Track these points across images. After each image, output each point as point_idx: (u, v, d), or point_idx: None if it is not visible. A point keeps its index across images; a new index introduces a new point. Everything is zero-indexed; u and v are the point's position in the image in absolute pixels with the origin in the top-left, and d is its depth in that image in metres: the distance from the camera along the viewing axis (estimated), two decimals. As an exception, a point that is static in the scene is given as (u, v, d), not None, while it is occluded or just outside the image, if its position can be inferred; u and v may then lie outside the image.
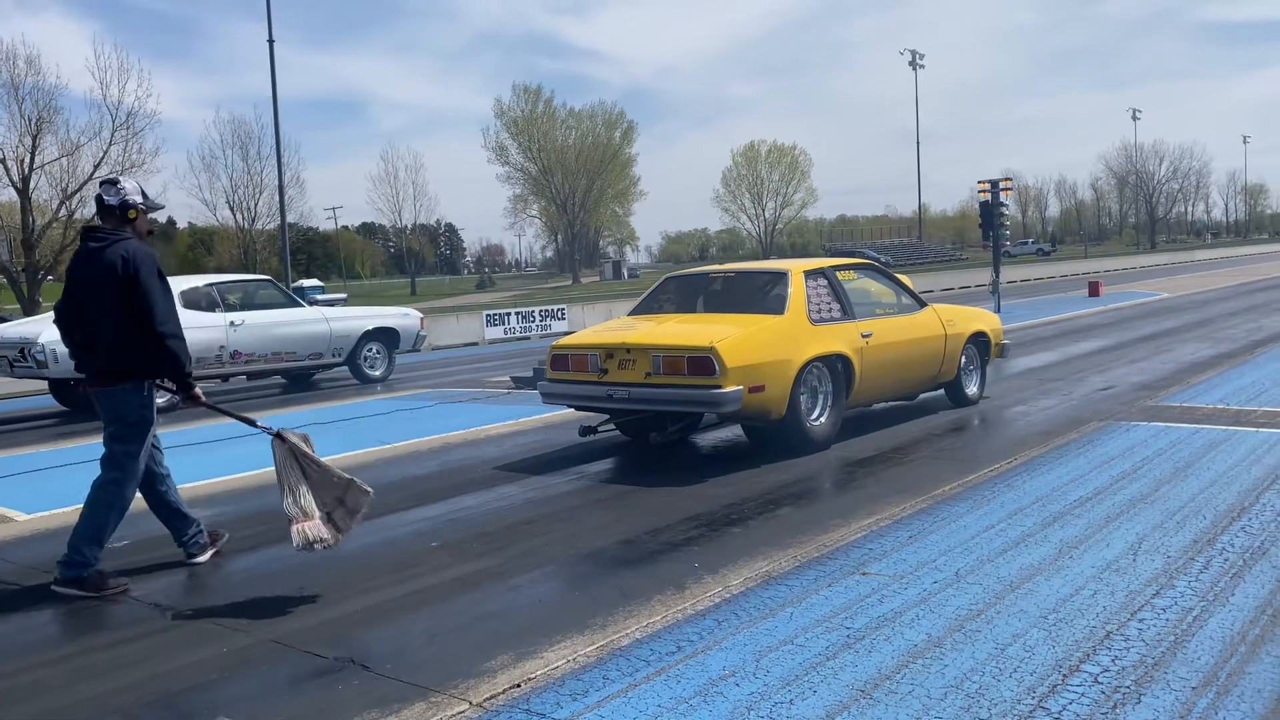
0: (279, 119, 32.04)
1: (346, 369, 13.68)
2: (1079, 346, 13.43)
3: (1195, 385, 9.11)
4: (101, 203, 4.65)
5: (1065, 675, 3.07)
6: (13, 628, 4.19)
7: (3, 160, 31.10)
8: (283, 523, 4.42)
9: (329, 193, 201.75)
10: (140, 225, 4.69)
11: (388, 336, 13.93)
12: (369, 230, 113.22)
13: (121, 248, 4.50)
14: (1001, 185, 19.86)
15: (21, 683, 3.55)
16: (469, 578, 4.46)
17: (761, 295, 7.38)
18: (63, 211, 32.05)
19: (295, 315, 12.91)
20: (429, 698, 3.17)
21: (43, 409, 12.52)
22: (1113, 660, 3.16)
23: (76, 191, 31.68)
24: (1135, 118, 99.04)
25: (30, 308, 30.24)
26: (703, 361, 6.38)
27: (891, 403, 8.52)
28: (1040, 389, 9.47)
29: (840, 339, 7.10)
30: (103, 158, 31.92)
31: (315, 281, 64.22)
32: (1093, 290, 25.59)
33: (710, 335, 6.53)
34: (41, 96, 31.33)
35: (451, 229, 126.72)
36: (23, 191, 31.48)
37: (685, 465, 6.97)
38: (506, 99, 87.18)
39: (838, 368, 7.07)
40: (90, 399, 4.70)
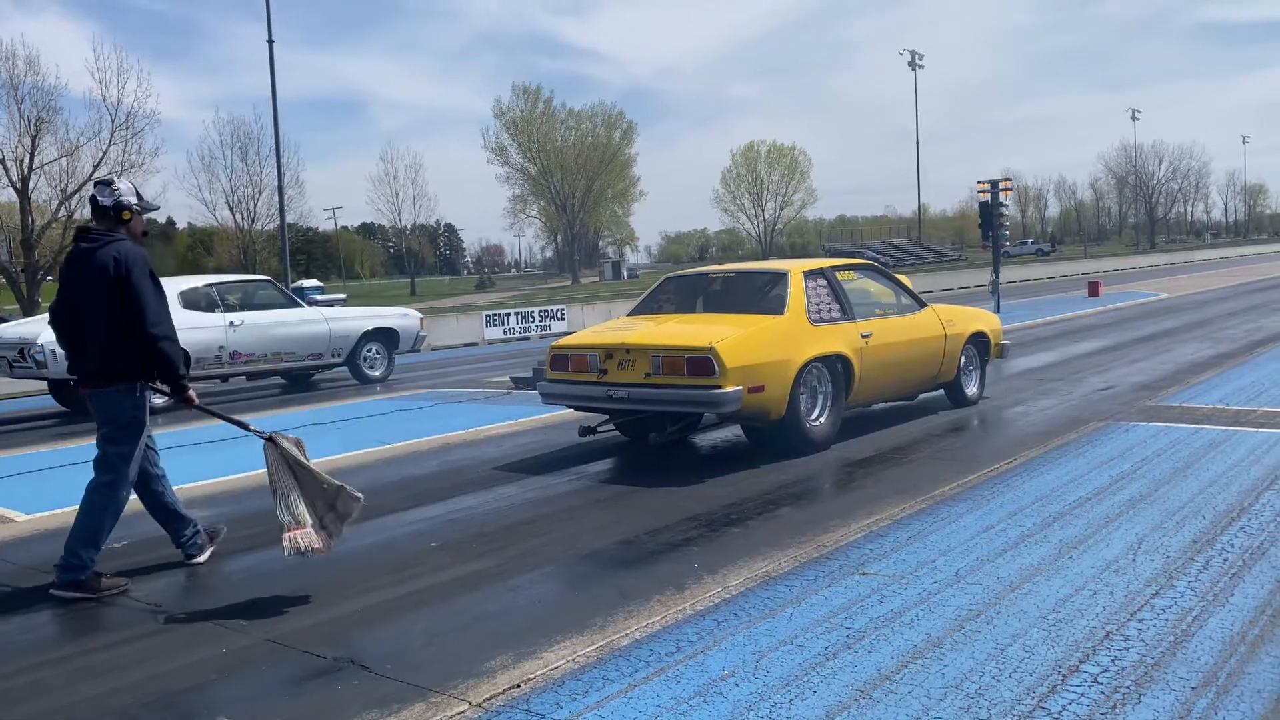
0: (278, 119, 32.05)
1: (346, 369, 13.68)
2: (1078, 347, 13.43)
3: (1195, 385, 9.11)
4: (96, 203, 4.62)
5: (1065, 675, 3.07)
6: (12, 628, 4.19)
7: (2, 160, 31.14)
8: (280, 524, 4.43)
9: (328, 193, 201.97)
10: (135, 226, 4.67)
11: (387, 337, 13.93)
12: (368, 230, 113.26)
13: (114, 249, 4.47)
14: (1001, 185, 19.86)
15: (21, 683, 3.55)
16: (468, 578, 4.46)
17: (761, 295, 7.38)
18: (62, 212, 32.06)
19: (295, 315, 12.91)
20: (428, 698, 3.17)
21: (42, 409, 12.52)
22: (1112, 660, 3.16)
23: (76, 192, 31.67)
24: (1134, 118, 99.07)
25: (29, 308, 30.24)
26: (702, 362, 6.38)
27: (891, 403, 8.52)
28: (1040, 389, 9.47)
29: (840, 339, 7.10)
30: (102, 158, 31.95)
31: (315, 282, 64.22)
32: (1092, 290, 25.59)
33: (710, 335, 6.53)
34: (41, 97, 31.38)
35: (451, 229, 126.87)
36: (22, 192, 31.49)
37: (685, 465, 6.97)
38: (506, 99, 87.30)
39: (837, 368, 7.07)
40: (84, 400, 4.68)
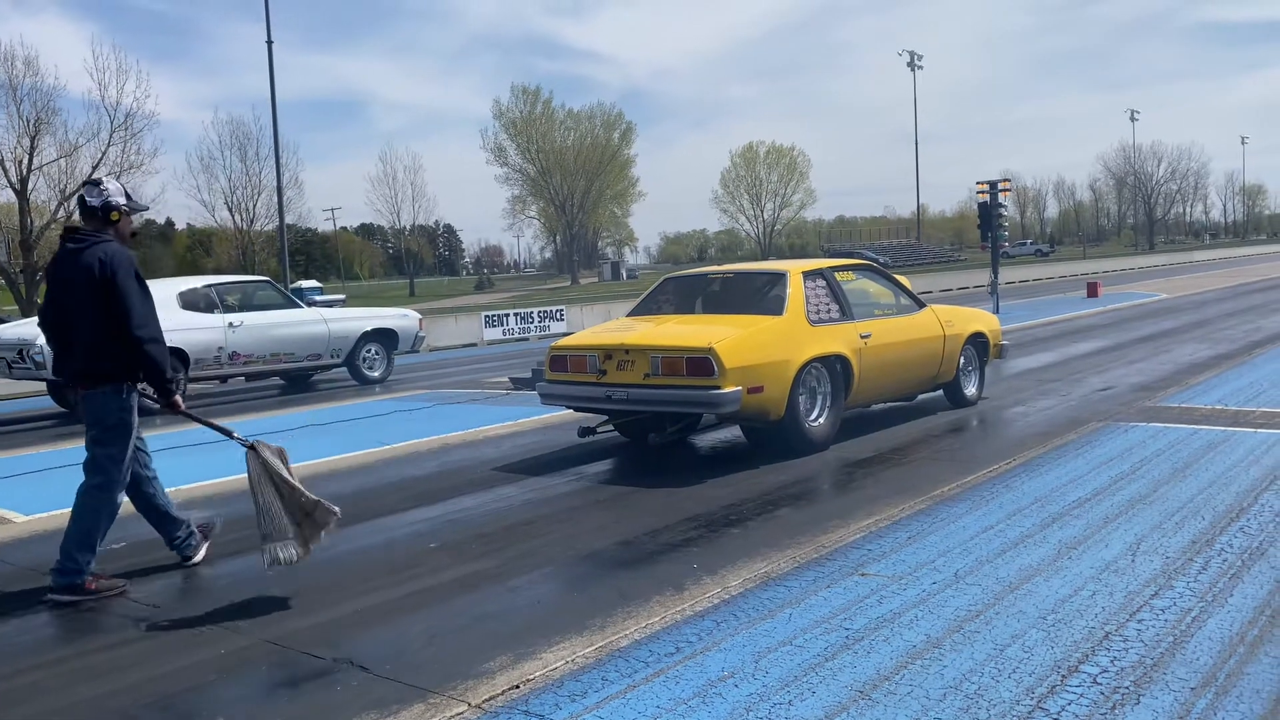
0: (277, 120, 32.04)
1: (345, 370, 13.68)
2: (1077, 347, 13.44)
3: (1194, 386, 9.11)
4: (84, 203, 4.57)
5: (1064, 676, 3.07)
6: (10, 629, 4.18)
7: (1, 161, 31.12)
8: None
9: (328, 194, 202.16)
10: (123, 227, 4.62)
11: (386, 337, 13.93)
12: (367, 231, 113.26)
13: (100, 250, 4.43)
14: (1000, 186, 19.88)
15: (19, 684, 3.55)
16: (468, 579, 4.46)
17: (760, 296, 7.38)
18: (61, 212, 31.99)
19: (294, 316, 12.91)
20: (428, 699, 3.17)
21: (41, 410, 12.52)
22: (1111, 661, 3.16)
23: (75, 193, 31.58)
24: (1133, 119, 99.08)
25: (28, 309, 30.20)
26: (701, 362, 6.38)
27: (890, 403, 8.52)
28: (1039, 390, 9.47)
29: (839, 340, 7.10)
30: (101, 159, 31.92)
31: (314, 283, 64.24)
32: (1091, 291, 25.59)
33: (709, 336, 6.53)
34: (40, 97, 31.33)
35: (450, 230, 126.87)
36: (21, 192, 31.45)
37: (684, 466, 6.97)
38: (505, 100, 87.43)
39: (836, 368, 7.07)
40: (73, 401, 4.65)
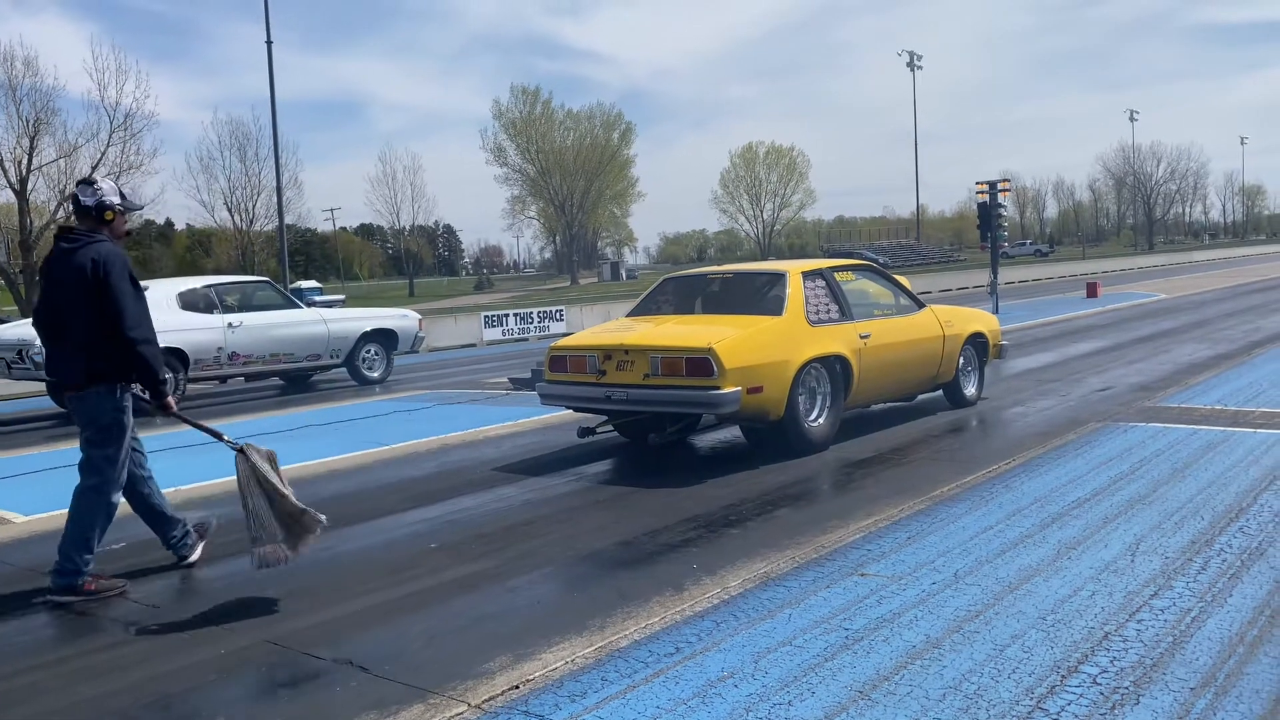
0: (277, 120, 32.05)
1: (345, 370, 13.68)
2: (1077, 347, 13.44)
3: (1193, 386, 9.11)
4: (77, 203, 4.56)
5: (1064, 676, 3.07)
6: (10, 629, 4.18)
7: (0, 161, 31.13)
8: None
9: (327, 194, 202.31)
10: (118, 226, 4.61)
11: (386, 338, 13.93)
12: (367, 232, 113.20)
13: (93, 250, 4.41)
14: (999, 186, 19.89)
15: (19, 684, 3.55)
16: (467, 579, 4.46)
17: (759, 296, 7.38)
18: (60, 213, 31.97)
19: (293, 317, 12.91)
20: (427, 699, 3.17)
21: (40, 411, 12.51)
22: (1111, 661, 3.16)
23: (72, 193, 31.59)
24: (1133, 119, 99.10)
25: (28, 309, 30.17)
26: (701, 362, 6.38)
27: (890, 404, 8.52)
28: (1038, 390, 9.47)
29: (838, 340, 7.10)
30: (100, 159, 31.91)
31: (313, 283, 64.19)
32: (1091, 291, 25.60)
33: (708, 336, 6.53)
34: (39, 98, 31.32)
35: (450, 230, 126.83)
36: (20, 193, 31.46)
37: (683, 466, 6.97)
38: (504, 100, 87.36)
39: (836, 369, 7.07)
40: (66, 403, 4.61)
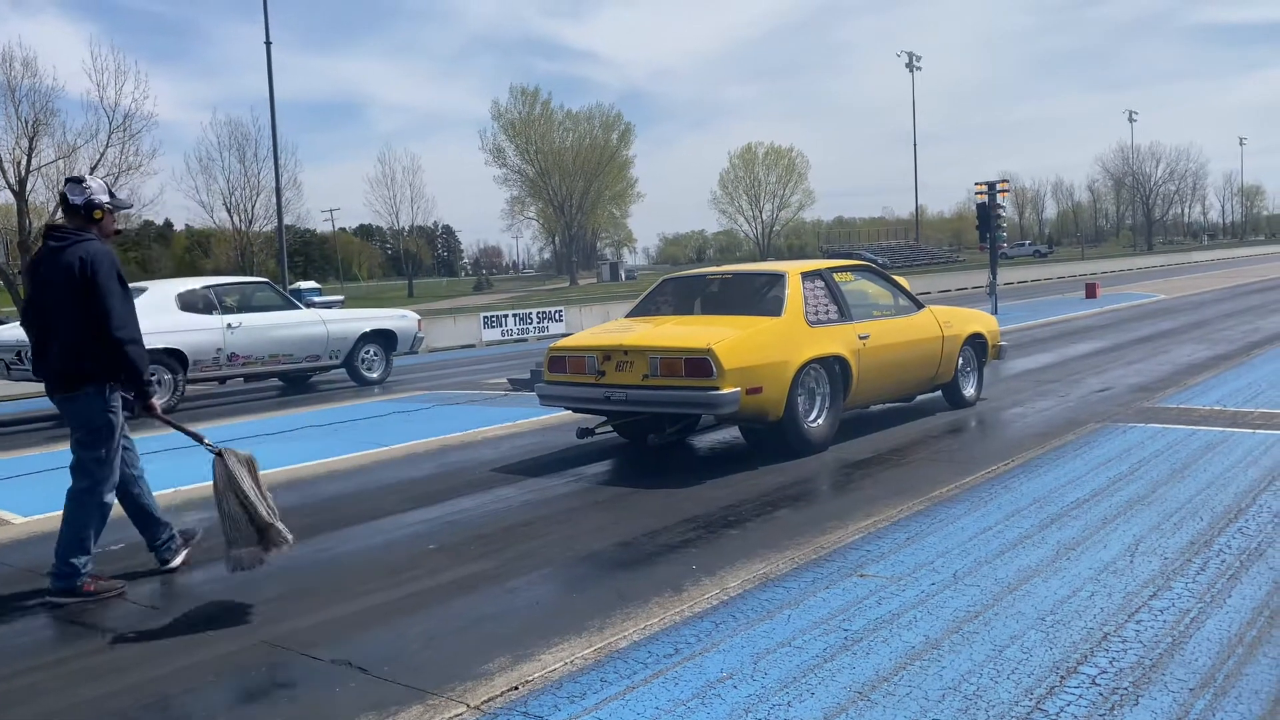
0: (276, 121, 31.99)
1: (344, 371, 13.67)
2: (1076, 348, 13.44)
3: (1192, 387, 9.11)
4: (66, 201, 4.52)
5: (1063, 677, 3.07)
6: (9, 630, 4.18)
7: (-1, 162, 31.12)
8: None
9: (326, 195, 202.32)
10: (106, 225, 4.57)
11: (385, 339, 13.93)
12: (366, 232, 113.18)
13: (81, 249, 4.38)
14: (998, 187, 19.89)
15: (18, 685, 3.55)
16: (466, 580, 4.46)
17: (759, 297, 7.38)
18: (59, 214, 31.99)
19: (293, 318, 12.90)
20: (426, 700, 3.17)
21: (40, 411, 12.50)
22: (1110, 662, 3.16)
23: (71, 193, 31.55)
24: (1132, 120, 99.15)
25: (27, 310, 30.16)
26: (700, 363, 6.38)
27: (889, 404, 8.52)
28: (1037, 391, 9.48)
29: (838, 340, 7.10)
30: (99, 160, 31.89)
31: (312, 284, 64.13)
32: (1090, 292, 25.62)
33: (707, 337, 6.53)
34: (38, 99, 31.31)
35: (449, 231, 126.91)
36: (19, 194, 31.45)
37: (683, 467, 6.97)
38: (504, 101, 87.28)
39: (835, 369, 7.07)
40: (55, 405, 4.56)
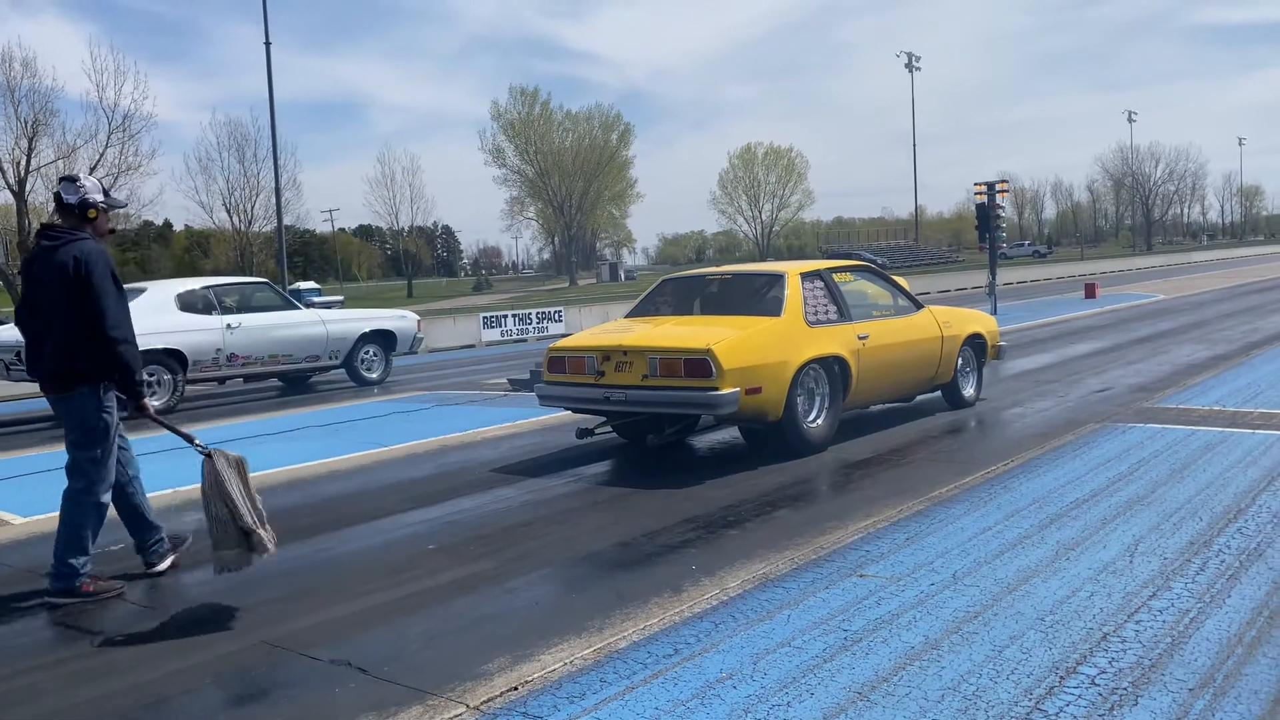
0: (275, 121, 32.07)
1: (343, 371, 13.67)
2: (1075, 348, 13.45)
3: (1191, 387, 9.11)
4: (60, 200, 4.52)
5: (1062, 677, 3.07)
6: (9, 631, 4.18)
7: (-2, 163, 31.14)
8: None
9: (326, 195, 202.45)
10: (100, 224, 4.57)
11: (385, 339, 13.93)
12: (366, 233, 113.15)
13: (75, 248, 4.37)
14: (998, 187, 19.90)
15: (17, 686, 3.55)
16: (466, 580, 4.46)
17: (758, 297, 7.38)
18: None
19: (292, 318, 12.90)
20: (426, 700, 3.17)
21: (39, 412, 12.49)
22: (1110, 662, 3.17)
23: (71, 194, 31.54)
24: (1131, 120, 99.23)
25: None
26: (699, 363, 6.38)
27: (888, 405, 8.52)
28: (1037, 391, 9.48)
29: (837, 341, 7.11)
30: (99, 160, 31.95)
31: (312, 284, 64.12)
32: (1089, 292, 25.63)
33: (707, 337, 6.53)
34: (38, 99, 31.41)
35: (448, 231, 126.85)
36: (19, 194, 31.48)
37: (682, 467, 6.97)
38: (503, 101, 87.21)
39: (834, 369, 7.07)
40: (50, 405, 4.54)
